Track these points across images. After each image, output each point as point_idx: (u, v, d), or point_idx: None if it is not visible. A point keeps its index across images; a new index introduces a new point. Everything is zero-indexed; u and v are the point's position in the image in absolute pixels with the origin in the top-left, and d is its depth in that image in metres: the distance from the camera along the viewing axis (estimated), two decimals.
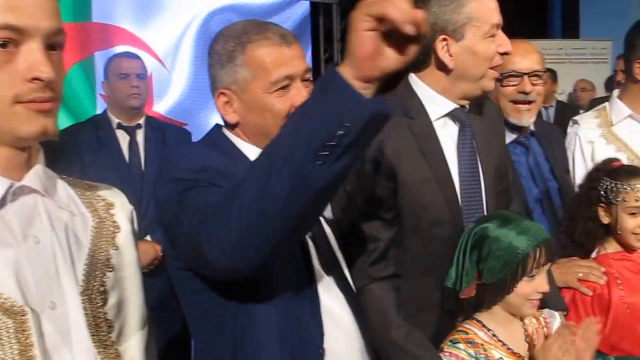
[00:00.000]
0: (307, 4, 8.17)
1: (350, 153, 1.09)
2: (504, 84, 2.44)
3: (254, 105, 1.51)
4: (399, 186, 1.82)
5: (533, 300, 1.79)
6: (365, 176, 1.80)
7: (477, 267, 1.76)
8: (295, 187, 1.12)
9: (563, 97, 7.30)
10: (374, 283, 1.80)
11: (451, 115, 1.90)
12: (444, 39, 1.82)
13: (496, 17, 1.82)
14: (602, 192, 2.25)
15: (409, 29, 1.05)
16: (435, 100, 1.88)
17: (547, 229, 2.35)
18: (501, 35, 1.84)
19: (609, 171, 2.28)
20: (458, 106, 1.90)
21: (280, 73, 1.49)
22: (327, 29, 8.68)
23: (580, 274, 2.24)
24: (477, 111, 1.99)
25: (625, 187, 2.20)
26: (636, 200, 2.19)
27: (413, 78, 1.93)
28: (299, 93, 1.50)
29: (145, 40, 6.02)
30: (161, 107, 6.09)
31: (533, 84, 2.51)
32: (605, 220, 2.26)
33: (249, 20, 1.63)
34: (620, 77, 5.14)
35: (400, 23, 1.04)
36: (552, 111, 6.23)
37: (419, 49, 1.13)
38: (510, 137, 2.44)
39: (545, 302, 1.93)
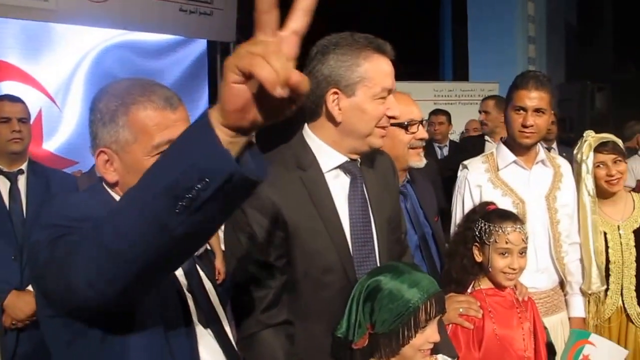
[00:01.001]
0: (204, 42, 8.15)
1: (211, 207, 1.04)
2: (408, 132, 2.49)
3: (134, 167, 1.45)
4: (289, 235, 1.83)
5: (424, 350, 1.82)
6: (257, 225, 1.81)
7: (370, 318, 1.77)
8: (151, 232, 1.07)
9: (454, 137, 7.59)
10: (266, 330, 1.81)
11: (342, 167, 1.94)
12: (335, 93, 1.85)
13: (389, 82, 1.86)
14: (476, 233, 2.37)
15: (279, 92, 0.94)
16: (327, 153, 1.92)
17: (428, 272, 2.47)
18: (391, 100, 1.88)
19: (484, 213, 2.40)
20: (348, 159, 1.94)
21: (162, 137, 1.44)
22: (224, 67, 8.70)
23: (461, 309, 2.32)
24: (370, 164, 2.04)
25: (497, 229, 2.32)
26: (506, 242, 2.31)
27: (306, 130, 1.96)
28: None
29: (34, 76, 5.82)
30: (51, 145, 5.88)
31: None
32: (479, 258, 2.38)
33: (135, 79, 1.55)
34: (483, 116, 5.61)
35: (270, 84, 0.93)
36: (446, 150, 6.47)
37: (295, 109, 1.04)
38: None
39: (436, 348, 1.97)
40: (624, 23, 9.30)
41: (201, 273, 1.63)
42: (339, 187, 1.93)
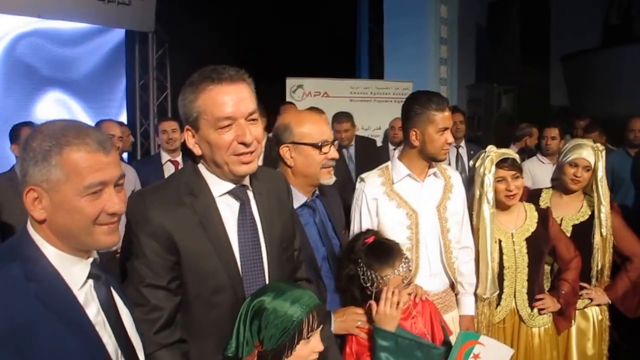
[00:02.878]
0: (123, 32, 8.07)
1: None
2: (321, 152, 2.57)
3: (64, 206, 1.52)
4: (181, 258, 1.93)
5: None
6: (150, 251, 1.91)
7: (258, 336, 1.88)
8: None
9: (369, 133, 7.81)
10: (161, 350, 1.90)
11: (231, 193, 2.04)
12: (188, 130, 1.98)
13: (224, 110, 1.91)
14: (361, 277, 2.50)
15: None
16: (215, 180, 2.02)
17: (334, 283, 2.64)
18: (242, 126, 1.94)
19: (363, 253, 2.53)
20: (236, 185, 2.04)
21: (94, 179, 1.52)
22: (142, 57, 8.64)
23: (359, 322, 2.49)
24: (264, 186, 2.14)
25: (378, 278, 2.47)
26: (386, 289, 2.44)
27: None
28: (111, 198, 1.56)
29: None
30: None
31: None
32: (370, 292, 2.50)
33: (70, 121, 1.61)
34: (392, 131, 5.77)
35: None
36: (352, 150, 6.61)
37: None
38: (301, 200, 2.61)
39: (325, 357, 2.12)
40: (530, 29, 9.77)
41: (118, 302, 1.71)
42: (229, 211, 2.03)
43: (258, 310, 1.89)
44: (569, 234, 3.49)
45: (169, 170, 5.24)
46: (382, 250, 2.55)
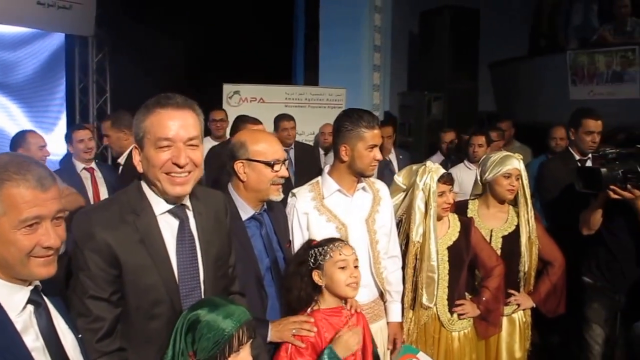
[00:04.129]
0: (63, 35, 7.97)
1: None
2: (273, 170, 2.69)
3: (1, 238, 1.60)
4: (123, 272, 2.06)
5: None
6: (94, 265, 2.03)
7: (192, 347, 2.00)
8: None
9: (304, 138, 7.93)
10: (102, 357, 2.03)
11: (171, 212, 2.18)
12: (136, 148, 2.14)
13: (166, 132, 2.07)
14: (311, 260, 2.63)
15: None
16: (157, 199, 2.16)
17: (276, 292, 2.75)
18: (178, 149, 2.09)
19: (312, 245, 2.69)
20: (175, 205, 2.18)
21: (30, 213, 1.60)
22: (82, 61, 8.59)
23: (294, 330, 2.60)
24: (203, 205, 2.28)
25: (330, 247, 2.63)
26: (340, 254, 2.61)
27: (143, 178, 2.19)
28: (46, 233, 1.64)
29: None
30: None
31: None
32: (322, 282, 2.64)
33: (14, 155, 1.70)
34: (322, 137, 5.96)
35: None
36: (292, 153, 6.77)
37: None
38: (250, 213, 2.74)
39: None
40: (459, 38, 10.06)
41: (62, 327, 1.79)
42: (169, 229, 2.16)
43: (193, 322, 2.01)
44: (499, 245, 3.69)
45: (86, 177, 5.20)
46: (330, 238, 2.74)
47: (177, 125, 2.08)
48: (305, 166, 6.39)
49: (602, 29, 8.48)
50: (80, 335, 1.87)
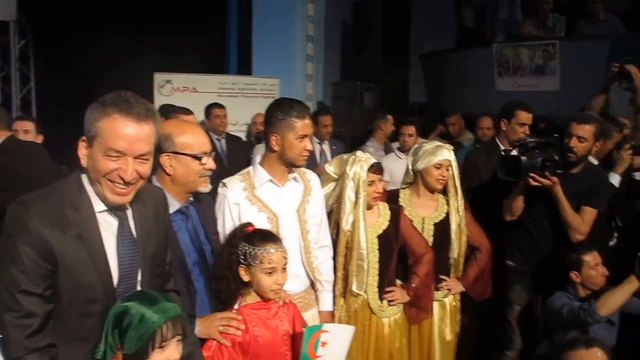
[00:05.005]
0: None
1: None
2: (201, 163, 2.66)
3: None
4: (58, 268, 2.00)
5: None
6: (27, 258, 1.96)
7: (120, 340, 1.98)
8: None
9: (237, 128, 7.92)
10: (30, 354, 1.97)
11: (111, 210, 2.12)
12: (83, 141, 2.05)
13: (120, 144, 1.99)
14: (241, 256, 2.62)
15: None
16: (97, 197, 2.09)
17: (205, 286, 2.73)
18: (127, 162, 2.01)
19: (245, 236, 2.66)
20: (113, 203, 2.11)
21: None
22: (3, 47, 8.25)
23: (221, 327, 2.60)
24: (143, 201, 2.22)
25: (260, 251, 2.60)
26: (270, 263, 2.60)
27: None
28: None
29: None
30: None
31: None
32: (246, 278, 2.64)
33: None
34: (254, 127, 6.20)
35: None
36: (224, 142, 6.78)
37: None
38: (175, 206, 2.68)
39: None
40: (391, 29, 10.20)
41: None
42: (108, 227, 2.11)
43: (121, 315, 1.99)
44: (431, 233, 3.80)
45: None
46: (265, 233, 2.71)
47: (132, 139, 2.00)
48: (236, 157, 6.40)
49: (525, 24, 8.78)
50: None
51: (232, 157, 6.49)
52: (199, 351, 2.47)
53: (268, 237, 2.68)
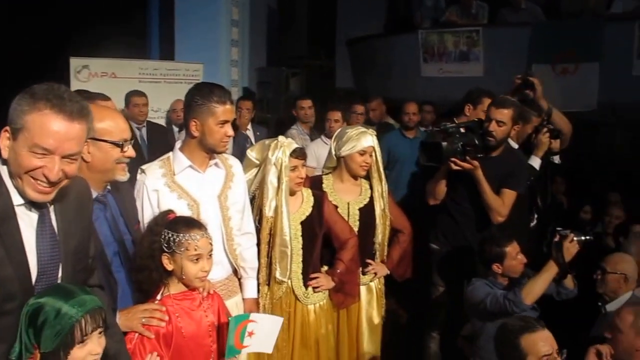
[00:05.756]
0: None
1: None
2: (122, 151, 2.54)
3: None
4: None
5: None
6: None
7: (35, 339, 1.87)
8: None
9: (160, 115, 7.72)
10: None
11: (31, 203, 1.97)
12: (6, 131, 1.90)
13: (46, 142, 1.86)
14: (164, 244, 2.52)
15: None
16: (15, 190, 1.95)
17: (126, 277, 2.63)
18: (53, 161, 1.89)
19: (167, 224, 2.57)
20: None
21: None
22: None
23: (143, 319, 2.51)
24: (66, 193, 2.08)
25: (186, 238, 2.51)
26: (196, 249, 2.52)
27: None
28: None
29: None
30: None
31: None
32: (170, 267, 2.55)
33: None
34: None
35: None
36: (144, 131, 6.59)
37: None
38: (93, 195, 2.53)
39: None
40: (317, 14, 10.17)
41: None
42: (28, 221, 1.98)
43: (35, 312, 1.88)
44: (357, 218, 3.80)
45: None
46: (188, 219, 2.65)
47: (62, 138, 1.87)
48: (157, 146, 6.21)
49: (449, 11, 8.91)
50: None
51: (153, 146, 6.30)
52: (125, 350, 2.37)
53: (193, 223, 2.61)
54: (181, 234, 2.52)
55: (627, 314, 2.89)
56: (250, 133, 6.76)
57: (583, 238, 3.38)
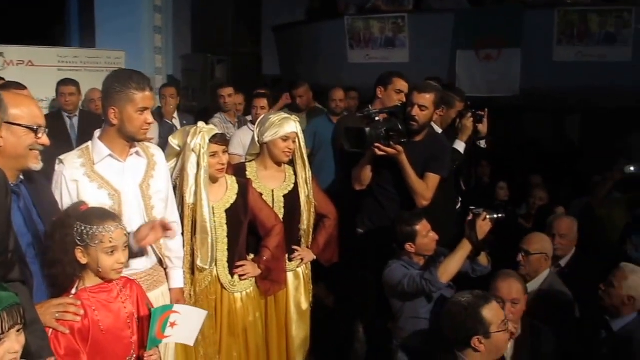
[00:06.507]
0: None
1: None
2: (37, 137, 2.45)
3: None
4: None
5: None
6: None
7: None
8: None
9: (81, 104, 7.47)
10: None
11: None
12: None
13: None
14: (77, 237, 2.45)
15: None
16: None
17: (39, 270, 2.52)
18: None
19: (80, 216, 2.49)
20: None
21: None
22: None
23: (57, 314, 2.42)
24: None
25: (100, 230, 2.45)
26: (110, 241, 2.46)
27: None
28: None
29: None
30: None
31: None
32: (84, 260, 2.47)
33: None
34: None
35: None
36: (76, 120, 6.38)
37: None
38: None
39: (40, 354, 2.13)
40: (242, 2, 10.08)
41: None
42: None
43: None
44: (282, 205, 3.78)
45: None
46: (101, 211, 2.56)
47: None
48: (91, 135, 6.01)
49: None
50: None
51: (86, 136, 6.08)
52: (48, 346, 2.29)
53: (106, 214, 2.54)
54: (95, 227, 2.45)
55: (621, 272, 3.38)
56: (176, 122, 6.65)
57: (496, 216, 3.48)
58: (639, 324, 3.43)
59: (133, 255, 2.86)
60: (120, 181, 2.96)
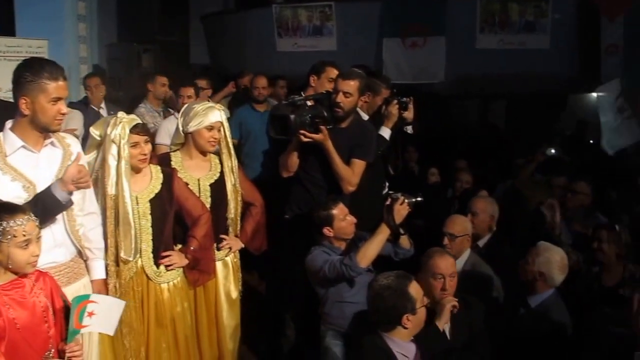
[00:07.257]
0: None
1: None
2: None
3: None
4: None
5: None
6: None
7: None
8: None
9: (2, 95, 7.21)
10: None
11: None
12: None
13: None
14: None
15: None
16: None
17: None
18: None
19: None
20: None
21: None
22: None
23: None
24: None
25: (12, 225, 2.38)
26: (24, 235, 2.40)
27: None
28: None
29: None
30: None
31: None
32: None
33: None
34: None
35: None
36: None
37: None
38: None
39: None
40: None
41: None
42: None
43: None
44: (208, 194, 3.76)
45: None
46: (9, 205, 2.51)
47: None
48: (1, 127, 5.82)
49: None
50: None
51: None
52: None
53: (15, 208, 2.48)
54: (5, 222, 2.39)
55: (535, 250, 3.63)
56: (103, 112, 6.48)
57: (414, 200, 3.56)
58: (554, 300, 3.59)
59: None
60: (34, 172, 2.89)
